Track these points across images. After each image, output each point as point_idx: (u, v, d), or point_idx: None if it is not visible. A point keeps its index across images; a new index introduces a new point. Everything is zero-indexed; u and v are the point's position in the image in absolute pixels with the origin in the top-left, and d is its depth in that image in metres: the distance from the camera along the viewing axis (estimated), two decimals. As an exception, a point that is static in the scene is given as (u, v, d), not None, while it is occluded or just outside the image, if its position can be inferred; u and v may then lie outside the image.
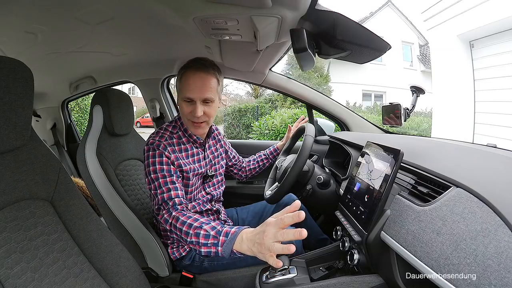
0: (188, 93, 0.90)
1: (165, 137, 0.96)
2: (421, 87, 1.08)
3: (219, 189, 1.12)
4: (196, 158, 1.02)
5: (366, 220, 0.69)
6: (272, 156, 1.30)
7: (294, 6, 0.68)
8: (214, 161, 1.11)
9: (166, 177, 0.89)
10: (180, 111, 0.97)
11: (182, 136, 1.00)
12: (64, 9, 0.82)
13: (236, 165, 1.29)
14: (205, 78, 0.91)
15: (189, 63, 0.92)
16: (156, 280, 1.05)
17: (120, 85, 1.85)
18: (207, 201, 1.06)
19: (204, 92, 0.91)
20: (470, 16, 4.09)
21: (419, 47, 11.16)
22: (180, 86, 0.94)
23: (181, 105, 0.94)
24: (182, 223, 0.78)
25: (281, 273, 0.82)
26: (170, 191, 0.87)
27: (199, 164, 1.03)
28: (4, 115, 0.57)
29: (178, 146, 0.98)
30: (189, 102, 0.92)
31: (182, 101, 0.93)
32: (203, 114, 0.93)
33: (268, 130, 4.79)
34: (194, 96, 0.90)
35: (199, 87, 0.90)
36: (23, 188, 0.62)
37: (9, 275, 0.53)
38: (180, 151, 0.98)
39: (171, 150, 0.94)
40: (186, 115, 0.94)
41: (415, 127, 7.31)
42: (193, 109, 0.92)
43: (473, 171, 0.62)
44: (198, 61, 0.92)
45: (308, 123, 1.12)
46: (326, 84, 10.17)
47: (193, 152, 1.02)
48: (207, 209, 1.06)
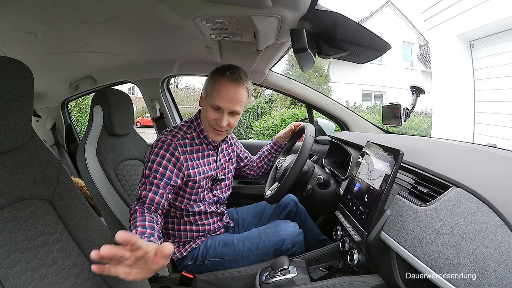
0: (219, 101, 0.89)
1: (178, 136, 0.95)
2: (421, 87, 1.08)
3: (226, 192, 1.12)
4: (207, 160, 1.01)
5: (366, 220, 0.69)
6: (274, 150, 1.28)
7: (294, 6, 0.68)
8: (225, 165, 1.10)
9: (156, 178, 0.88)
10: (204, 114, 0.95)
11: (196, 137, 0.99)
12: (64, 9, 0.82)
13: (249, 165, 1.29)
14: (238, 90, 0.90)
15: (225, 70, 0.91)
16: (156, 280, 1.05)
17: (120, 85, 1.85)
18: (213, 203, 1.06)
19: (234, 105, 0.91)
20: (470, 16, 4.09)
21: (419, 47, 11.16)
22: (210, 91, 0.92)
23: (207, 110, 0.93)
24: (132, 217, 0.80)
25: (281, 273, 0.83)
26: (150, 192, 0.86)
27: (209, 166, 1.02)
28: (4, 115, 0.57)
29: (191, 147, 0.97)
30: (216, 110, 0.91)
31: (209, 106, 0.92)
32: (226, 125, 0.93)
33: (268, 130, 4.79)
34: (223, 106, 0.90)
35: (231, 99, 0.90)
36: (23, 188, 0.62)
37: (9, 275, 0.53)
38: (191, 152, 0.97)
39: (181, 151, 0.93)
40: (210, 121, 0.93)
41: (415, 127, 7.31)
42: (219, 118, 0.91)
43: (473, 171, 0.62)
44: (234, 71, 0.91)
45: (308, 123, 1.11)
46: (326, 84, 10.17)
47: (204, 154, 1.01)
48: (212, 211, 1.06)
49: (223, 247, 1.01)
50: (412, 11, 10.64)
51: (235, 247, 1.00)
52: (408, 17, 11.31)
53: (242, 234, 1.04)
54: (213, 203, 1.06)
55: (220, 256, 1.01)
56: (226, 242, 1.02)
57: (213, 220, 1.07)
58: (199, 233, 1.04)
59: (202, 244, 1.03)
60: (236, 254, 1.00)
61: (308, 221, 1.20)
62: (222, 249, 1.01)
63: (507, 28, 3.72)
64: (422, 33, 10.19)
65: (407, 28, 11.25)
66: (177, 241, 1.04)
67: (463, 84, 4.41)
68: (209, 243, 1.03)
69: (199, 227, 1.03)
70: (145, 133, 3.65)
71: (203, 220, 1.04)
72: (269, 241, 0.99)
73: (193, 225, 1.03)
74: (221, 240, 1.03)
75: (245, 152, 1.27)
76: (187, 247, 1.03)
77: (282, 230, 1.00)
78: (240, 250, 1.00)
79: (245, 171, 1.29)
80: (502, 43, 3.87)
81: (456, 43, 4.47)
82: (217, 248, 1.01)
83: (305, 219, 1.20)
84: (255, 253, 0.99)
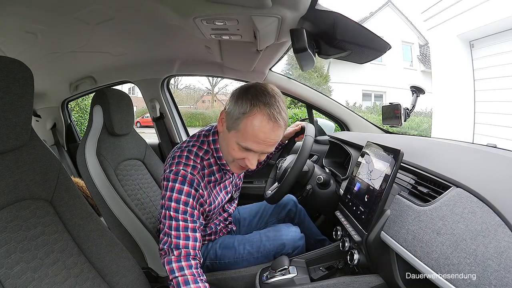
0: (252, 145, 0.72)
1: (198, 168, 0.80)
2: (421, 87, 1.07)
3: (233, 204, 1.12)
4: (223, 185, 0.94)
5: (366, 220, 0.69)
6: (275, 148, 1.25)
7: (294, 6, 0.68)
8: (237, 180, 1.06)
9: (188, 221, 0.75)
10: (227, 149, 0.78)
11: (213, 164, 0.85)
12: (64, 9, 0.82)
13: None
14: (278, 132, 0.72)
15: (262, 100, 0.70)
16: (156, 280, 1.05)
17: (120, 85, 1.86)
18: (223, 220, 1.05)
19: (270, 148, 0.75)
20: (470, 16, 4.09)
21: (419, 47, 11.15)
22: (242, 126, 0.71)
23: (232, 147, 0.75)
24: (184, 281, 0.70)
25: (281, 273, 0.83)
26: (189, 239, 0.74)
27: (226, 191, 0.96)
28: (4, 115, 0.57)
29: (209, 177, 0.85)
30: (245, 150, 0.74)
31: (236, 144, 0.74)
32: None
33: (268, 130, 4.77)
34: (257, 150, 0.73)
35: (268, 143, 0.72)
36: (23, 188, 0.62)
37: (9, 275, 0.53)
38: (209, 182, 0.86)
39: (203, 186, 0.81)
40: (236, 159, 0.78)
41: (415, 127, 7.32)
42: (248, 159, 0.76)
43: (473, 171, 0.62)
44: (273, 103, 0.70)
45: (308, 123, 1.11)
46: (326, 84, 10.17)
47: (221, 181, 0.91)
48: (221, 227, 1.05)
49: (223, 250, 1.01)
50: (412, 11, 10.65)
51: (235, 250, 1.00)
52: (408, 17, 11.32)
53: (243, 237, 1.04)
54: (224, 220, 1.06)
55: (220, 259, 1.00)
56: (226, 244, 1.02)
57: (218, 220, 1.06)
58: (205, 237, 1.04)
59: (203, 246, 1.03)
60: (236, 257, 1.00)
61: (307, 221, 1.20)
62: (222, 252, 1.01)
63: (507, 28, 3.72)
64: (422, 33, 10.19)
65: (407, 28, 11.25)
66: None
67: (463, 84, 4.41)
68: (210, 245, 1.03)
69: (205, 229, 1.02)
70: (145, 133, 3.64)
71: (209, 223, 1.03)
72: (270, 245, 0.99)
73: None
74: (222, 243, 1.03)
75: None
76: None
77: (284, 235, 0.99)
78: (240, 253, 0.99)
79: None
80: (502, 43, 3.87)
81: (456, 43, 4.47)
82: (217, 251, 1.01)
83: (304, 219, 1.20)
84: (256, 256, 0.99)
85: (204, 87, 17.92)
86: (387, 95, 10.62)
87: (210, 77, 10.25)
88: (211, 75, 1.75)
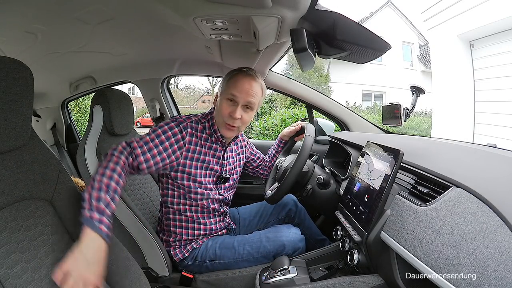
0: (235, 90, 0.93)
1: (192, 119, 0.98)
2: (421, 87, 1.08)
3: (229, 192, 1.11)
4: (212, 153, 1.01)
5: (366, 220, 0.69)
6: (281, 148, 1.28)
7: (294, 6, 0.68)
8: (232, 165, 1.10)
9: (155, 145, 0.87)
10: (218, 110, 0.97)
11: (207, 127, 1.00)
12: (64, 9, 0.82)
13: (262, 165, 1.28)
14: (253, 83, 0.95)
15: (240, 69, 0.97)
16: (156, 280, 1.05)
17: (120, 85, 1.85)
18: (217, 201, 1.05)
19: (249, 95, 0.94)
20: (470, 16, 4.09)
21: (419, 47, 11.16)
22: (226, 87, 0.96)
23: (222, 104, 0.95)
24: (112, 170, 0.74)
25: (281, 273, 0.83)
26: (145, 154, 0.84)
27: (213, 159, 1.01)
28: (4, 115, 0.58)
29: (201, 133, 0.98)
30: (231, 102, 0.94)
31: (224, 100, 0.94)
32: (240, 118, 0.94)
33: (268, 130, 4.79)
34: (239, 95, 0.93)
35: (246, 90, 0.93)
36: (23, 188, 0.62)
37: (9, 275, 0.53)
38: (200, 138, 0.98)
39: (190, 132, 0.94)
40: (224, 115, 0.94)
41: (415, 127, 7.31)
42: (233, 110, 0.93)
43: (473, 171, 0.62)
44: (249, 70, 0.97)
45: (308, 123, 1.11)
46: (326, 84, 10.17)
47: (211, 146, 1.01)
48: (214, 208, 1.04)
49: (223, 250, 1.01)
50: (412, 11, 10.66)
51: (235, 250, 1.00)
52: (408, 17, 11.32)
53: (243, 237, 1.04)
54: (217, 201, 1.05)
55: (220, 259, 1.00)
56: (226, 244, 1.02)
57: (215, 220, 1.06)
58: (200, 232, 1.03)
59: (203, 245, 1.03)
60: (236, 257, 1.00)
61: (307, 221, 1.20)
62: (222, 252, 1.01)
63: (507, 28, 3.72)
64: (422, 33, 10.20)
65: (407, 28, 11.25)
66: (178, 240, 1.03)
67: (463, 84, 4.41)
68: (210, 244, 1.03)
69: (200, 225, 1.03)
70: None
71: (205, 218, 1.03)
72: (270, 246, 0.99)
73: (195, 223, 1.02)
74: (222, 243, 1.03)
75: (257, 153, 1.27)
76: (188, 247, 1.03)
77: (284, 236, 0.99)
78: (240, 253, 1.00)
79: (259, 171, 1.29)
80: (502, 43, 3.87)
81: (456, 43, 4.47)
82: (217, 250, 1.01)
83: (304, 219, 1.20)
84: (255, 256, 0.99)
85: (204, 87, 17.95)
86: (387, 95, 10.62)
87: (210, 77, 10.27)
88: (211, 75, 1.75)
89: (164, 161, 0.89)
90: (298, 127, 1.23)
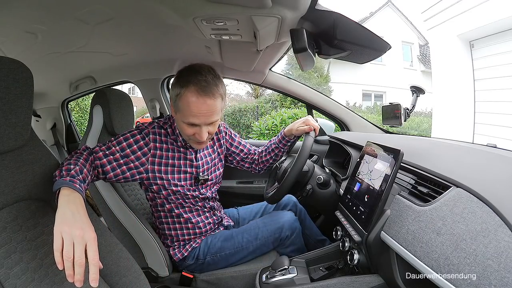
0: (193, 119, 0.82)
1: (154, 125, 0.92)
2: (421, 87, 1.08)
3: (212, 188, 1.07)
4: (182, 155, 0.96)
5: (366, 220, 0.69)
6: (282, 145, 1.13)
7: (294, 6, 0.68)
8: (211, 164, 1.04)
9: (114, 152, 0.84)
10: (180, 128, 0.88)
11: (170, 133, 0.94)
12: (64, 9, 0.82)
13: (247, 158, 1.17)
14: (210, 104, 0.80)
15: (189, 80, 0.79)
16: (156, 280, 1.05)
17: (120, 85, 1.85)
18: (200, 199, 1.02)
19: (209, 118, 0.82)
20: (470, 16, 4.08)
21: (419, 47, 11.15)
22: (180, 107, 0.82)
23: (182, 126, 0.86)
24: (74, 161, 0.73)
25: (281, 273, 0.83)
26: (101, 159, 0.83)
27: (185, 162, 0.96)
28: (4, 115, 0.57)
29: (165, 137, 0.93)
30: (191, 126, 0.84)
31: (183, 123, 0.84)
32: (207, 135, 0.86)
33: (268, 130, 4.80)
34: (199, 122, 0.82)
35: (204, 114, 0.81)
36: (23, 189, 0.62)
37: (9, 275, 0.53)
38: (166, 143, 0.92)
39: (153, 138, 0.89)
40: (188, 135, 0.87)
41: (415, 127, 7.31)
42: (197, 132, 0.84)
43: (473, 171, 0.62)
44: (200, 80, 0.79)
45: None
46: (326, 84, 10.16)
47: (179, 151, 0.95)
48: (200, 206, 1.03)
49: (223, 242, 1.02)
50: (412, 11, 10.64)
51: (234, 240, 1.01)
52: (408, 17, 11.31)
53: (240, 228, 1.06)
54: (201, 200, 1.02)
55: (221, 251, 1.01)
56: (226, 236, 1.03)
57: (205, 216, 1.05)
58: (195, 230, 1.03)
59: (203, 243, 1.03)
60: (236, 247, 1.01)
61: (307, 221, 1.20)
62: (222, 244, 1.02)
63: (507, 28, 3.72)
64: (422, 33, 10.19)
65: (407, 28, 11.25)
66: (175, 241, 1.04)
67: (463, 84, 4.41)
68: (210, 240, 1.03)
69: (193, 225, 1.02)
70: (145, 133, 3.55)
71: (195, 217, 1.03)
72: (267, 230, 1.00)
73: (188, 223, 1.02)
74: (221, 235, 1.04)
75: (240, 145, 1.15)
76: (187, 247, 1.03)
77: (279, 218, 1.02)
78: (240, 241, 1.01)
79: (244, 165, 1.18)
80: (502, 43, 3.87)
81: (456, 43, 4.47)
82: (217, 244, 1.02)
83: (305, 219, 1.20)
84: (254, 243, 1.00)
85: (204, 87, 17.85)
86: (387, 95, 10.61)
87: (210, 77, 10.19)
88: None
89: (129, 166, 0.86)
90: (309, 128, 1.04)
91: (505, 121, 3.74)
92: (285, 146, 1.14)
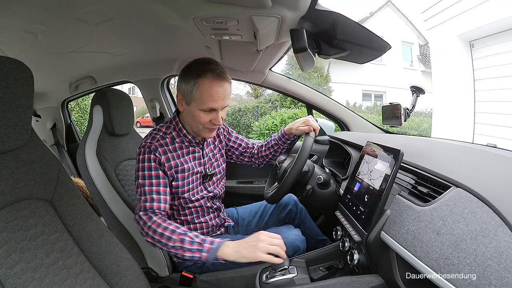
0: (212, 104, 0.87)
1: (157, 137, 0.94)
2: (421, 87, 1.08)
3: (219, 186, 1.11)
4: (192, 156, 1.00)
5: (366, 220, 0.69)
6: (282, 142, 1.15)
7: (294, 6, 0.68)
8: (213, 160, 1.08)
9: (153, 185, 0.89)
10: (194, 119, 0.92)
11: (176, 136, 0.98)
12: (64, 9, 0.82)
13: (246, 153, 1.21)
14: (227, 87, 0.89)
15: (204, 69, 0.86)
16: (156, 280, 1.05)
17: (120, 85, 1.85)
18: (209, 199, 1.05)
19: (226, 99, 0.90)
20: (470, 16, 4.08)
21: (419, 47, 11.16)
22: (197, 95, 0.87)
23: (198, 115, 0.90)
24: (164, 228, 0.81)
25: (281, 273, 0.82)
26: (153, 201, 0.87)
27: (195, 162, 1.00)
28: (4, 115, 0.57)
29: (172, 145, 0.96)
30: (208, 112, 0.89)
31: (199, 111, 0.89)
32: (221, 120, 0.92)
33: (268, 130, 4.80)
34: (217, 106, 0.88)
35: (222, 96, 0.88)
36: (23, 188, 0.62)
37: (9, 275, 0.53)
38: (174, 150, 0.96)
39: (162, 151, 0.92)
40: (205, 123, 0.91)
41: (415, 127, 7.32)
42: (214, 118, 0.90)
43: (473, 171, 0.62)
44: (214, 68, 0.87)
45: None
46: (326, 84, 10.17)
47: (188, 151, 0.99)
48: (208, 207, 1.05)
49: None
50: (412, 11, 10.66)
51: None
52: (408, 17, 11.32)
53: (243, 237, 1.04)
54: (209, 199, 1.05)
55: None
56: None
57: (209, 217, 1.06)
58: (197, 231, 1.03)
59: None
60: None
61: (308, 221, 1.20)
62: None
63: (507, 28, 3.72)
64: (422, 33, 10.19)
65: (407, 28, 11.26)
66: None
67: (463, 84, 4.41)
68: None
69: (196, 225, 1.03)
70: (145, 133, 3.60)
71: (200, 218, 1.03)
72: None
73: (191, 224, 1.02)
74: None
75: (238, 140, 1.19)
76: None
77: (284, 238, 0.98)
78: None
79: (243, 159, 1.22)
80: (502, 43, 3.87)
81: (456, 43, 4.47)
82: None
83: (305, 219, 1.20)
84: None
85: (204, 87, 17.87)
86: (387, 95, 10.62)
87: (210, 77, 10.20)
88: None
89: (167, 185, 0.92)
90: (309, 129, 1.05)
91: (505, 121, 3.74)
92: (285, 143, 1.16)
